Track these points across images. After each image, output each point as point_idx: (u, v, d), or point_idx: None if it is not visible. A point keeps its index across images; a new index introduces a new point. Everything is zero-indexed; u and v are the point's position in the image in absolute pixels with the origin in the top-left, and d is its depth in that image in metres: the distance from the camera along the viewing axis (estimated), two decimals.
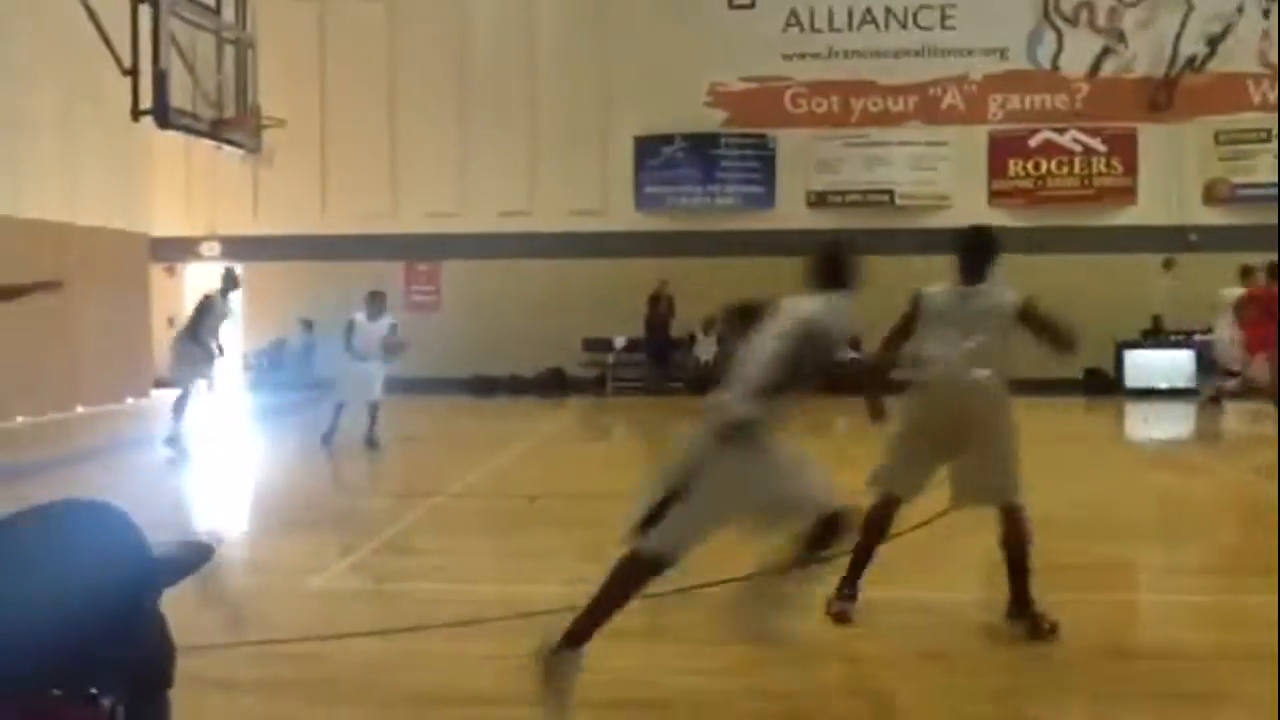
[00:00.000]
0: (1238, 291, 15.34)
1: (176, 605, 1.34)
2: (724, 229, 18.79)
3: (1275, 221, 18.32)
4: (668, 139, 19.14)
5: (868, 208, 18.84)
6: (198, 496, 9.77)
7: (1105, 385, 17.79)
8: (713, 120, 19.12)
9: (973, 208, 18.67)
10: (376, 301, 11.72)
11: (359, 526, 7.24)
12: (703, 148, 19.14)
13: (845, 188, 18.99)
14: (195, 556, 1.36)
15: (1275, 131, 18.38)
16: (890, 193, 18.90)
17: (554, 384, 18.28)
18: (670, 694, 4.20)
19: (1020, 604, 4.95)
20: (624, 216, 19.02)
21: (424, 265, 19.31)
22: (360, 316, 11.59)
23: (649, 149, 19.21)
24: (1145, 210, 18.41)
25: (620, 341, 18.11)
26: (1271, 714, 3.94)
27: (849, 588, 5.12)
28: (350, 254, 18.45)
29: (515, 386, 18.19)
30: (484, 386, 18.00)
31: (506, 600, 5.91)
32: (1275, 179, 18.40)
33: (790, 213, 18.83)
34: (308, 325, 18.46)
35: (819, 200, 19.02)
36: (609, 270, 18.24)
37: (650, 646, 4.85)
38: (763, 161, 19.18)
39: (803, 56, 19.05)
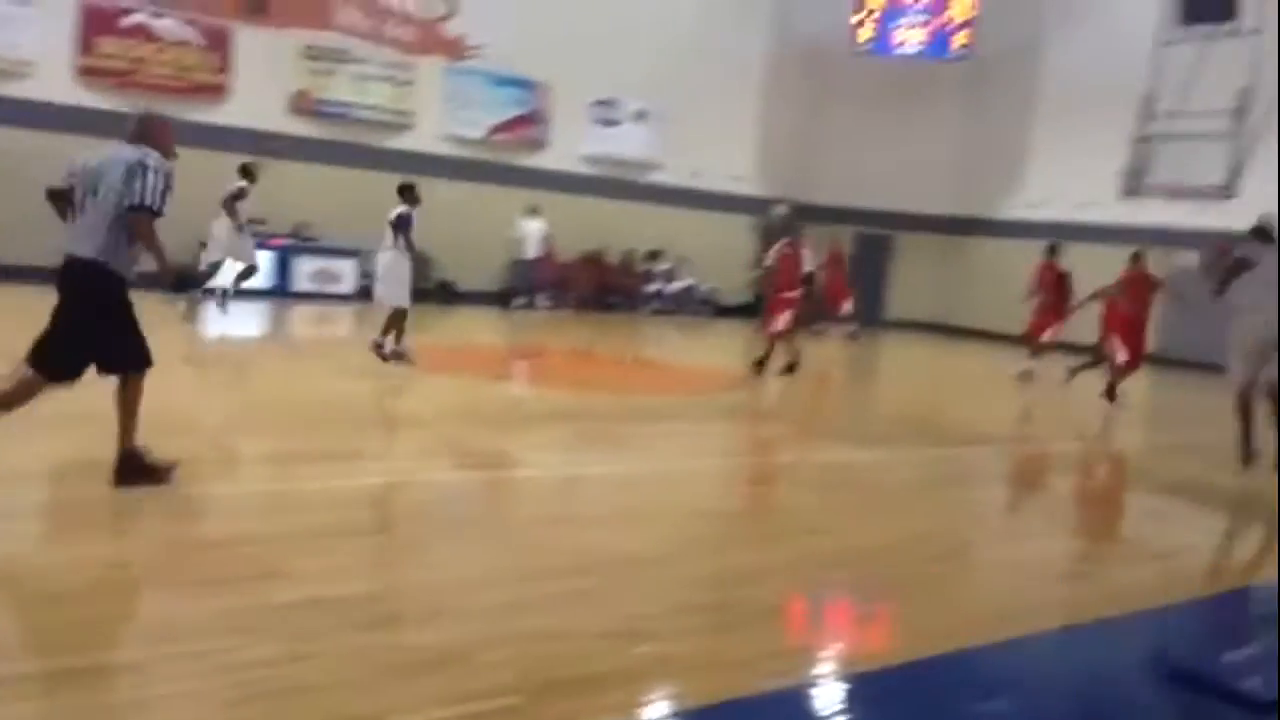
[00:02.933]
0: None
1: None
2: None
3: (357, 138, 20.30)
4: None
5: None
6: None
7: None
8: None
9: (59, 81, 17.56)
10: (415, 192, 11.42)
11: None
12: None
13: None
14: None
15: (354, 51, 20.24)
16: None
17: None
18: None
19: None
20: None
21: None
22: (403, 209, 11.22)
23: None
24: (238, 111, 18.91)
25: None
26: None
27: None
28: None
29: None
30: None
31: None
32: (351, 98, 20.32)
33: None
34: None
35: None
36: None
37: None
38: None
39: None
